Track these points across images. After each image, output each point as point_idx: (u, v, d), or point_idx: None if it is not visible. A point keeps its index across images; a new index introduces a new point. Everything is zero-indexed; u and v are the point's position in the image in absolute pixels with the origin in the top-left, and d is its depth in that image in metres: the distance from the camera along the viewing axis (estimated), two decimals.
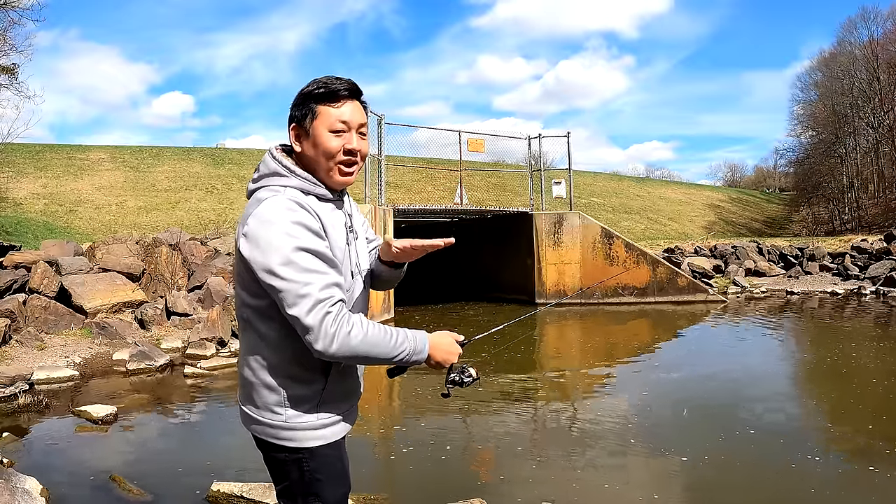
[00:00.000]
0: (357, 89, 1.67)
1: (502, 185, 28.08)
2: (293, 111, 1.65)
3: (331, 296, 1.49)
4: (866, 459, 4.03)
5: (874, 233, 24.86)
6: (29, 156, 26.33)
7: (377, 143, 11.66)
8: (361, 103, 1.69)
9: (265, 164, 1.66)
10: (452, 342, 1.72)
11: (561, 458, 4.25)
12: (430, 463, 4.14)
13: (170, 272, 10.35)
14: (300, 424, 1.62)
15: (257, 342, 1.61)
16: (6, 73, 16.70)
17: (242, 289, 1.62)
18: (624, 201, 37.88)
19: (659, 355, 8.20)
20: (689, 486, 3.71)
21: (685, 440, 4.48)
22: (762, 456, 4.08)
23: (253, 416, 1.65)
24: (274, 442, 1.63)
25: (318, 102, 1.62)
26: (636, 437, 4.59)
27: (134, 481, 3.71)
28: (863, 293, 14.41)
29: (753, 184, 70.05)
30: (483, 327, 2.07)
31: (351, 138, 1.63)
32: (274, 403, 1.61)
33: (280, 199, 1.53)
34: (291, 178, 1.61)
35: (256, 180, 1.65)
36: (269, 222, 1.50)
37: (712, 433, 4.64)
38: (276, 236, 1.48)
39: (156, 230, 17.29)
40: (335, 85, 1.63)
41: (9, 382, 6.04)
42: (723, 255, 18.58)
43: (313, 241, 1.51)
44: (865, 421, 4.92)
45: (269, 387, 1.61)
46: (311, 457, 1.63)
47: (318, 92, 1.62)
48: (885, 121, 37.62)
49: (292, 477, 1.65)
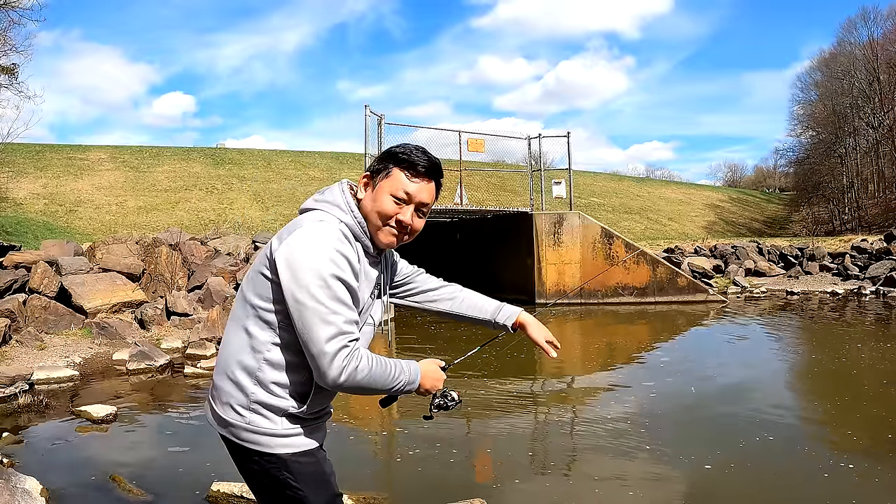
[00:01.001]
0: (437, 170, 1.71)
1: (502, 185, 28.07)
2: (374, 162, 1.72)
3: (352, 331, 1.54)
4: (867, 459, 4.03)
5: (874, 233, 24.86)
6: (29, 156, 26.33)
7: (377, 143, 11.66)
8: (438, 184, 1.73)
9: (332, 192, 1.70)
10: (437, 369, 1.78)
11: (561, 459, 4.25)
12: (431, 463, 4.14)
13: (170, 272, 10.35)
14: (263, 430, 1.63)
15: (246, 343, 1.63)
16: (6, 74, 16.70)
17: (253, 292, 1.62)
18: (624, 201, 37.88)
19: (659, 356, 8.19)
20: (689, 487, 3.71)
21: (686, 441, 4.48)
22: (763, 457, 4.08)
23: (215, 411, 1.70)
24: (231, 439, 1.67)
25: (396, 165, 1.67)
26: (636, 438, 4.59)
27: (134, 481, 3.71)
28: (863, 293, 14.41)
29: (753, 184, 70.04)
30: (482, 326, 2.09)
31: (406, 211, 1.67)
32: (238, 404, 1.64)
33: (335, 226, 1.59)
34: (349, 216, 1.65)
35: (317, 201, 1.69)
36: (318, 242, 1.54)
37: (713, 434, 4.64)
38: (321, 258, 1.52)
39: (156, 230, 17.29)
40: (418, 158, 1.67)
41: (9, 382, 6.04)
42: (723, 255, 18.59)
43: (350, 276, 1.56)
44: (865, 420, 4.92)
45: (239, 386, 1.63)
46: (275, 459, 1.65)
47: (401, 157, 1.67)
48: (885, 121, 37.62)
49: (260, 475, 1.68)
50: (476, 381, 6.70)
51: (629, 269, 13.24)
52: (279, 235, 1.62)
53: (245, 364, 1.62)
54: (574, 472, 3.97)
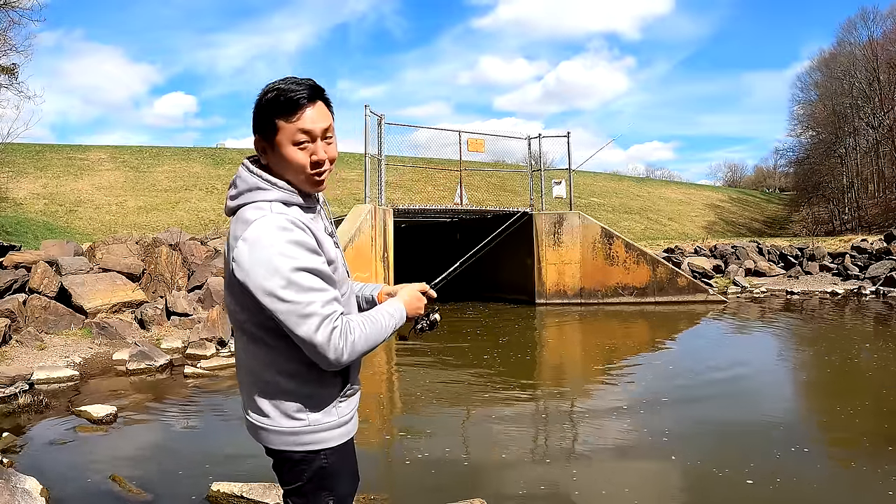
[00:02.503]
0: (317, 88, 1.58)
1: (502, 185, 28.07)
2: (254, 123, 1.58)
3: (333, 311, 1.49)
4: (868, 459, 4.03)
5: (874, 233, 24.86)
6: (29, 156, 26.33)
7: (377, 143, 11.66)
8: (325, 101, 1.59)
9: (242, 179, 1.58)
10: (418, 294, 1.79)
11: (562, 459, 4.25)
12: (431, 463, 4.14)
13: (170, 272, 10.35)
14: (325, 426, 1.60)
15: (268, 353, 1.57)
16: (6, 74, 16.70)
17: (239, 306, 1.57)
18: (624, 201, 37.88)
19: (659, 356, 8.19)
20: (690, 485, 3.71)
21: (686, 441, 4.48)
22: (763, 456, 4.08)
23: (266, 427, 1.60)
24: (293, 449, 1.59)
25: (276, 116, 1.53)
26: (637, 437, 4.59)
27: (134, 481, 3.71)
28: (863, 293, 14.41)
29: (753, 184, 70.08)
30: (483, 327, 2.08)
31: (316, 149, 1.56)
32: (295, 410, 1.58)
33: (271, 218, 1.49)
34: (273, 190, 1.55)
35: (235, 197, 1.58)
36: (263, 245, 1.45)
37: (713, 434, 4.64)
38: (274, 258, 1.44)
39: (156, 230, 17.29)
40: (293, 92, 1.53)
41: (9, 382, 6.04)
42: (723, 255, 18.58)
43: (311, 259, 1.49)
44: (867, 420, 4.92)
45: (288, 393, 1.58)
46: (331, 454, 1.62)
47: (276, 104, 1.53)
48: (885, 121, 37.63)
49: (307, 476, 1.61)
50: (477, 381, 6.70)
51: (629, 269, 13.24)
52: (226, 248, 1.55)
53: (274, 370, 1.59)
54: (574, 471, 3.97)
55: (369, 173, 11.49)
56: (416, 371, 7.32)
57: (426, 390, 6.34)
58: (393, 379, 7.04)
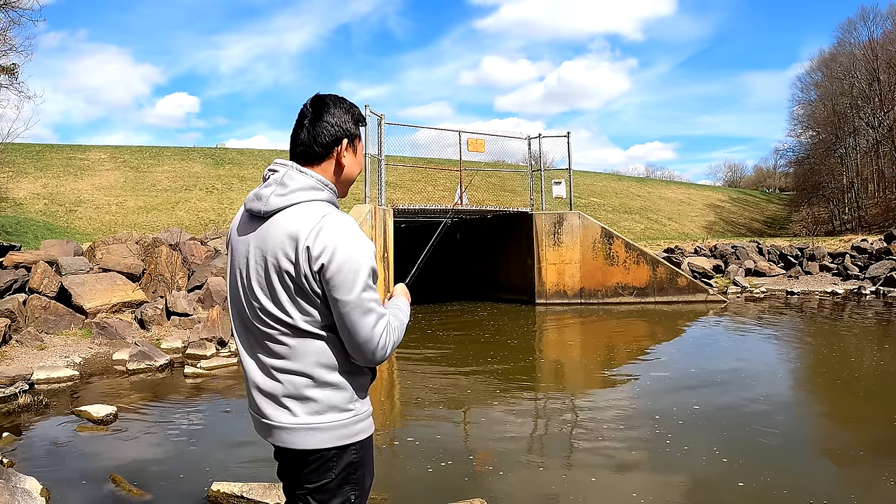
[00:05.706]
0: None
1: (502, 185, 28.08)
2: (351, 127, 1.68)
3: (384, 309, 1.62)
4: (869, 459, 4.03)
5: (874, 233, 24.87)
6: (29, 156, 26.33)
7: (377, 142, 11.66)
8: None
9: (293, 178, 1.59)
10: (405, 287, 1.95)
11: (562, 459, 4.25)
12: (431, 463, 4.14)
13: (170, 272, 10.35)
14: (363, 415, 1.65)
15: (322, 348, 1.57)
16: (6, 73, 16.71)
17: (293, 305, 1.56)
18: (624, 201, 37.89)
19: (659, 355, 8.19)
20: (690, 484, 3.71)
21: (686, 440, 4.47)
22: (763, 454, 4.08)
23: (297, 427, 1.58)
24: (330, 446, 1.58)
25: (363, 124, 1.72)
26: (637, 437, 4.59)
27: (134, 481, 3.71)
28: (863, 293, 14.41)
29: (753, 184, 70.09)
30: (483, 327, 2.09)
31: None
32: (344, 401, 1.60)
33: (348, 219, 1.59)
34: (325, 191, 1.63)
35: (285, 195, 1.58)
36: (353, 240, 1.54)
37: (713, 433, 4.63)
38: (362, 255, 1.54)
39: (156, 230, 17.29)
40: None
41: (9, 382, 6.04)
42: (723, 255, 18.59)
43: (374, 261, 1.62)
44: (867, 420, 4.92)
45: (337, 387, 1.59)
46: (360, 448, 1.64)
47: (362, 119, 1.71)
48: (885, 121, 37.64)
49: (335, 472, 1.60)
50: (477, 381, 6.70)
51: (629, 269, 13.24)
52: (296, 240, 1.53)
53: (321, 365, 1.62)
54: (575, 471, 3.97)
55: (369, 173, 11.49)
56: (416, 371, 7.32)
57: (426, 390, 6.34)
58: (393, 379, 7.04)
